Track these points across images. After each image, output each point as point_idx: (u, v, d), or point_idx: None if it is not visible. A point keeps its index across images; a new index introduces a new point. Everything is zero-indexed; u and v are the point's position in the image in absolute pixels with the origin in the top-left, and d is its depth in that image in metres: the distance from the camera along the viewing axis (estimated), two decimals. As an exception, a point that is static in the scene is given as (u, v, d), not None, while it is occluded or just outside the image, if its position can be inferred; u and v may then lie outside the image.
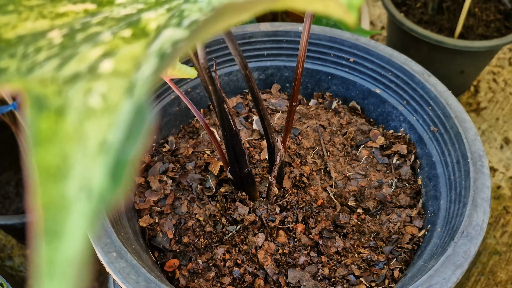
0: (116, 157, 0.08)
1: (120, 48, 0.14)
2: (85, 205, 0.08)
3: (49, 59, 0.14)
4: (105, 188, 0.08)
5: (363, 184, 0.49)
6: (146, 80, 0.11)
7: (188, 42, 0.12)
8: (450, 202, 0.42)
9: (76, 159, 0.09)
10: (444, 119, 0.45)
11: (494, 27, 1.01)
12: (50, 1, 0.19)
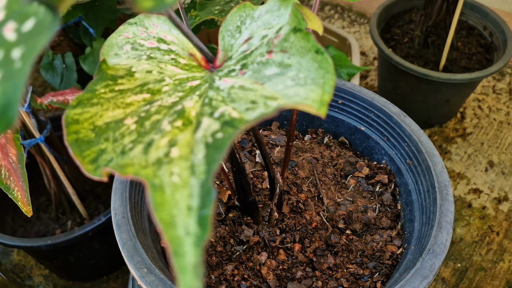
0: (199, 215, 0.18)
1: (178, 136, 0.24)
2: (190, 240, 0.17)
3: (133, 144, 0.24)
4: (198, 232, 0.17)
5: (351, 209, 0.58)
6: (201, 162, 0.21)
7: (224, 138, 0.22)
8: (422, 224, 0.51)
9: (178, 216, 0.18)
10: (417, 153, 0.54)
11: (476, 59, 1.11)
12: (119, 93, 0.29)
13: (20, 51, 0.16)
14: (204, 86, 0.31)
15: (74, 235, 0.82)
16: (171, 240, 0.17)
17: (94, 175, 0.22)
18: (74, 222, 0.98)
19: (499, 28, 1.11)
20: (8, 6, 0.19)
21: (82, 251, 0.91)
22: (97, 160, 0.23)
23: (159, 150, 0.22)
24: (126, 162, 0.22)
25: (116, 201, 0.50)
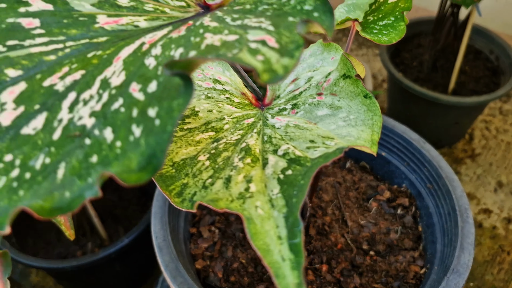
0: (290, 243, 0.22)
1: (251, 172, 0.28)
2: (288, 265, 0.21)
3: (212, 179, 0.28)
4: (293, 258, 0.21)
5: (374, 231, 0.62)
6: (278, 196, 0.25)
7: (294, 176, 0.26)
8: (444, 246, 0.55)
9: (271, 245, 0.22)
10: (437, 178, 0.58)
11: (484, 82, 1.16)
12: (189, 132, 0.33)
13: (155, 110, 0.20)
14: (259, 123, 0.35)
15: (98, 256, 0.85)
16: (270, 265, 0.21)
17: (182, 207, 0.26)
18: (94, 244, 1.01)
19: (505, 53, 1.16)
20: (126, 67, 0.23)
21: (103, 272, 0.95)
22: (182, 193, 0.27)
23: (239, 185, 0.27)
24: (213, 196, 0.26)
25: (156, 225, 0.54)
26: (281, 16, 0.23)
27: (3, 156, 0.20)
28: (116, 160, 0.19)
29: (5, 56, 0.23)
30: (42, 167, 0.19)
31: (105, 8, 0.26)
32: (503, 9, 1.29)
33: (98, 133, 0.20)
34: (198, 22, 0.25)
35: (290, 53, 0.20)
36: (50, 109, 0.21)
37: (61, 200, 0.18)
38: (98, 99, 0.22)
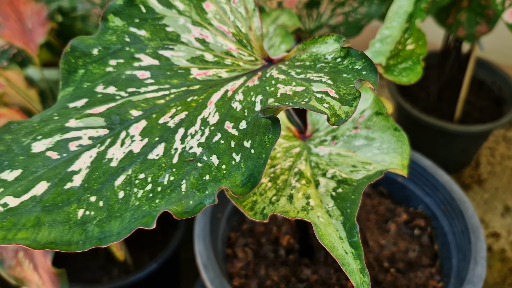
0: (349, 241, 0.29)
1: (307, 191, 0.35)
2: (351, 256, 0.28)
3: (277, 196, 0.35)
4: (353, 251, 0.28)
5: (394, 250, 0.69)
6: (334, 208, 0.32)
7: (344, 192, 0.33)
8: (459, 261, 0.61)
9: (335, 243, 0.29)
10: (450, 200, 0.66)
11: (487, 112, 1.24)
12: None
13: (249, 142, 0.28)
14: (304, 152, 0.42)
15: (129, 280, 0.91)
16: (337, 257, 0.28)
17: (256, 218, 0.34)
18: (120, 270, 1.07)
19: (506, 83, 1.25)
20: (218, 109, 0.31)
21: (131, 297, 1.00)
22: (253, 208, 0.35)
23: (300, 201, 0.34)
24: (281, 209, 0.33)
25: (200, 245, 0.61)
26: (336, 73, 0.31)
27: (138, 175, 0.27)
28: (224, 178, 0.27)
29: (128, 100, 0.31)
30: (169, 182, 0.27)
31: (196, 63, 0.34)
32: (503, 43, 1.39)
33: (206, 159, 0.28)
34: (267, 74, 0.33)
35: (349, 102, 0.27)
36: (167, 140, 0.29)
37: (188, 206, 0.26)
38: (202, 134, 0.29)
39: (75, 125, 0.29)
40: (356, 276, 0.28)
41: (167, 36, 0.34)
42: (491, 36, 1.34)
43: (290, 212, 0.33)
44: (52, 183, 0.27)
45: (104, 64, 0.33)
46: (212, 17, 0.36)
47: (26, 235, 0.25)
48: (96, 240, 0.25)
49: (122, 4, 0.34)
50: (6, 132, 0.29)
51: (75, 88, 0.32)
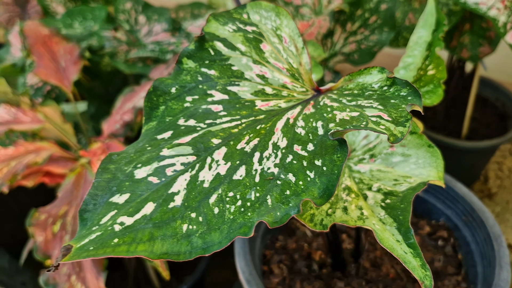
0: (407, 243, 0.34)
1: (358, 203, 0.40)
2: (410, 255, 0.33)
3: (332, 209, 0.40)
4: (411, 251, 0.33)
5: (420, 261, 0.74)
6: (386, 217, 0.37)
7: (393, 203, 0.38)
8: (484, 267, 0.66)
9: (394, 245, 0.34)
10: (471, 211, 0.71)
11: (493, 127, 1.30)
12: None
13: (320, 161, 0.33)
14: (346, 170, 0.48)
15: (162, 303, 0.95)
16: (398, 256, 0.33)
17: (316, 229, 0.39)
18: (148, 294, 1.11)
19: (510, 99, 1.31)
20: (284, 135, 0.36)
21: (162, 320, 1.04)
22: (312, 220, 0.40)
23: (355, 212, 0.39)
24: (339, 219, 0.38)
25: (241, 262, 0.65)
26: (385, 99, 0.36)
27: (227, 193, 0.33)
28: (303, 192, 0.32)
29: (208, 130, 0.36)
30: (256, 198, 0.32)
31: (259, 96, 0.39)
32: (504, 61, 1.46)
33: (283, 177, 0.33)
34: (321, 102, 0.39)
35: (403, 124, 0.33)
36: (246, 163, 0.34)
37: (276, 217, 0.31)
38: (275, 156, 0.35)
39: (168, 153, 0.34)
40: (418, 271, 0.33)
41: (233, 74, 0.40)
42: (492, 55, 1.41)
43: (349, 221, 0.38)
44: (158, 203, 0.32)
45: (182, 101, 0.38)
46: (269, 56, 0.41)
47: (145, 247, 0.30)
48: (201, 250, 0.30)
49: (194, 49, 0.40)
50: (109, 163, 0.34)
51: (158, 122, 0.38)
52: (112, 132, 0.83)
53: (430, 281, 0.32)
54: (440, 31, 0.56)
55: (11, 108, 0.87)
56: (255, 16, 0.43)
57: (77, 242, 0.30)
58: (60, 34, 0.98)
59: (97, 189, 0.33)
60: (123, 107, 0.85)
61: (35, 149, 0.82)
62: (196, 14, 1.14)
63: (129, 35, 1.04)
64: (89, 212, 0.31)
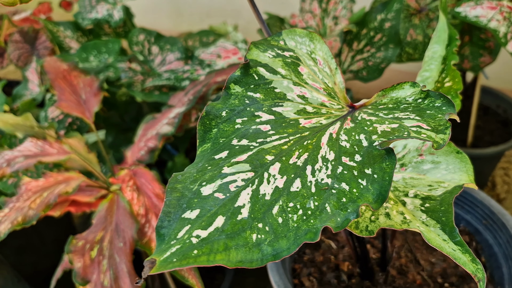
0: (454, 241, 0.37)
1: (398, 208, 0.44)
2: (459, 251, 0.36)
3: (375, 217, 0.44)
4: (460, 248, 0.36)
5: (445, 266, 0.76)
6: (428, 219, 0.40)
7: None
8: (509, 268, 0.69)
9: (441, 244, 0.37)
10: (491, 215, 0.74)
11: (498, 134, 1.34)
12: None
13: (370, 170, 0.36)
14: (379, 179, 0.51)
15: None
16: (448, 254, 0.36)
17: (363, 235, 0.42)
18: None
19: (511, 105, 1.36)
20: (331, 148, 0.40)
21: None
22: (358, 227, 0.43)
23: (397, 217, 0.42)
24: (384, 224, 0.42)
25: (275, 276, 0.68)
26: (420, 111, 0.40)
27: (288, 204, 0.36)
28: (358, 199, 0.35)
29: (261, 148, 0.40)
30: (315, 207, 0.35)
31: (301, 114, 0.43)
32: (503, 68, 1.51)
33: (337, 186, 0.36)
34: (358, 117, 0.42)
35: (443, 131, 0.36)
36: (300, 176, 0.38)
37: (337, 222, 0.34)
38: (326, 168, 0.38)
39: (229, 171, 0.38)
40: (470, 265, 0.36)
41: (276, 96, 0.43)
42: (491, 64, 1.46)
43: (394, 225, 0.41)
44: (227, 216, 0.35)
45: (233, 123, 0.42)
46: (307, 77, 0.45)
47: (222, 257, 0.33)
48: (271, 256, 0.33)
49: (240, 75, 0.43)
50: (176, 182, 0.37)
51: (212, 144, 0.41)
52: (137, 158, 0.86)
53: (482, 274, 0.35)
54: (453, 45, 0.60)
55: (38, 141, 0.90)
56: (291, 42, 0.47)
57: (159, 255, 0.33)
58: (78, 68, 1.02)
59: (169, 207, 0.36)
60: (146, 134, 0.88)
61: (64, 179, 0.85)
62: (204, 42, 1.19)
63: (143, 65, 1.08)
64: (165, 228, 0.34)
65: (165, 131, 0.84)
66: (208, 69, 0.98)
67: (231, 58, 0.96)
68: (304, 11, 1.13)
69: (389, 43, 0.96)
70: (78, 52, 1.10)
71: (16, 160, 0.89)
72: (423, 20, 1.13)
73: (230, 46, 0.99)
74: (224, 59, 0.96)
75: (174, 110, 0.86)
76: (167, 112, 0.88)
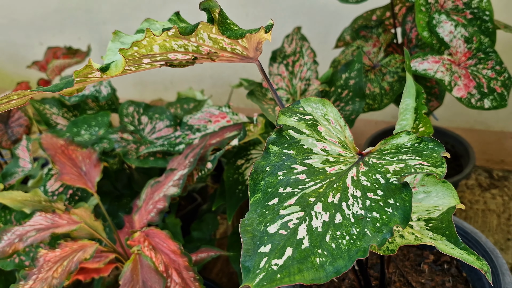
0: (461, 247, 0.49)
1: (408, 230, 0.56)
2: (465, 254, 0.48)
3: (394, 238, 0.55)
4: (466, 252, 0.49)
5: (433, 285, 0.89)
6: (434, 235, 0.53)
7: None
8: (488, 278, 0.82)
9: (452, 251, 0.49)
10: (464, 234, 0.88)
11: (450, 167, 1.53)
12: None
13: (392, 200, 0.49)
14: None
15: None
16: (458, 257, 0.48)
17: (385, 254, 0.53)
18: None
19: (457, 141, 1.56)
20: (356, 187, 0.52)
21: None
22: (380, 248, 0.54)
23: (410, 236, 0.54)
24: (401, 243, 0.53)
25: (295, 310, 0.77)
26: (418, 152, 0.53)
27: (336, 233, 0.47)
28: (389, 222, 0.47)
29: (303, 193, 0.51)
30: (358, 232, 0.47)
31: (326, 164, 0.55)
32: (445, 110, 1.73)
33: (370, 215, 0.48)
34: (369, 162, 0.55)
35: (440, 166, 0.49)
36: (339, 211, 0.49)
37: (377, 242, 0.45)
38: (357, 203, 0.50)
39: (285, 212, 0.48)
40: (476, 263, 0.48)
41: (305, 151, 0.55)
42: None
43: (411, 242, 0.53)
44: (293, 247, 0.45)
45: (276, 175, 0.53)
46: (325, 134, 0.58)
47: (299, 277, 0.43)
48: (333, 273, 0.44)
49: (275, 137, 0.55)
50: (245, 226, 0.47)
51: (262, 194, 0.52)
52: (148, 220, 0.94)
53: (487, 267, 0.47)
54: (421, 98, 0.75)
55: (47, 215, 0.96)
56: (308, 108, 0.59)
57: (251, 282, 0.42)
58: (74, 142, 1.10)
59: (246, 245, 0.46)
60: (153, 197, 0.97)
61: (79, 247, 0.92)
62: (186, 108, 1.30)
63: (134, 134, 1.17)
64: (248, 262, 0.44)
65: (172, 192, 0.94)
66: (198, 133, 1.10)
67: (221, 121, 1.08)
68: (273, 74, 1.28)
69: (355, 97, 1.12)
70: (68, 127, 1.18)
71: (27, 234, 0.94)
72: (377, 75, 1.31)
73: (216, 110, 1.12)
74: (215, 123, 1.08)
75: (177, 172, 0.96)
76: (171, 175, 0.97)
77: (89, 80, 0.57)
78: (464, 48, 1.16)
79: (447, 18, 1.16)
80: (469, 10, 1.21)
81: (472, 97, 1.12)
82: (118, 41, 0.61)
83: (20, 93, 0.54)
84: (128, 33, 0.64)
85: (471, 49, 1.16)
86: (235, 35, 0.55)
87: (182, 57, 0.60)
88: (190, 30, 0.53)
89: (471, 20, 1.21)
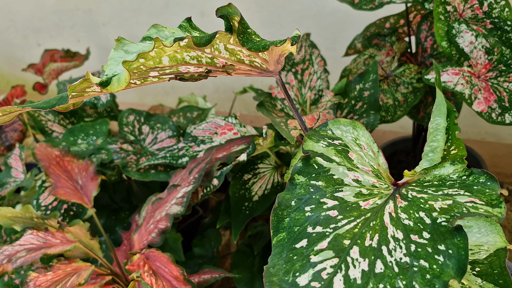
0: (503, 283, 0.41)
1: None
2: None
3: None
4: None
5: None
6: (483, 283, 0.45)
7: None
8: None
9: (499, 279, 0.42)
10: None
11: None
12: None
13: (443, 246, 0.41)
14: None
15: None
16: None
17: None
18: None
19: (469, 153, 1.48)
20: (396, 227, 0.44)
21: None
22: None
23: (457, 284, 0.46)
24: None
25: None
26: (467, 186, 0.45)
27: (378, 285, 0.39)
28: (442, 274, 0.39)
29: (336, 234, 0.43)
30: (404, 286, 0.39)
31: (359, 197, 0.47)
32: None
33: (417, 264, 0.40)
34: (408, 195, 0.47)
35: (497, 205, 0.42)
36: (380, 257, 0.41)
37: (429, 300, 0.38)
38: (400, 247, 0.42)
39: (317, 259, 0.40)
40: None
41: (335, 182, 0.47)
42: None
43: (460, 292, 0.45)
44: (329, 304, 0.37)
45: (302, 211, 0.45)
46: (356, 162, 0.50)
47: None
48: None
49: (302, 166, 0.47)
50: (270, 276, 0.40)
51: (288, 233, 0.44)
52: (148, 241, 0.86)
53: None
54: (453, 117, 0.68)
55: (39, 233, 0.88)
56: (337, 131, 0.51)
57: None
58: (70, 153, 1.01)
59: (273, 301, 0.38)
60: (154, 216, 0.88)
61: (73, 270, 0.83)
62: (189, 117, 1.22)
63: (134, 145, 1.09)
64: (275, 322, 0.37)
65: (175, 211, 0.85)
66: (202, 145, 1.01)
67: (227, 134, 1.00)
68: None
69: (370, 110, 1.05)
70: (65, 135, 1.10)
71: (17, 255, 0.86)
72: (391, 85, 1.23)
73: (222, 121, 1.04)
74: (221, 135, 1.00)
75: (181, 189, 0.88)
76: (174, 192, 0.89)
77: (86, 94, 0.49)
78: (484, 60, 1.09)
79: (467, 27, 1.09)
80: (489, 20, 1.14)
81: (493, 111, 1.05)
82: (121, 50, 0.53)
83: (5, 110, 0.46)
84: (129, 36, 0.56)
85: (491, 61, 1.09)
86: (257, 47, 0.47)
87: (194, 70, 0.52)
88: (207, 41, 0.45)
89: (491, 30, 1.13)
